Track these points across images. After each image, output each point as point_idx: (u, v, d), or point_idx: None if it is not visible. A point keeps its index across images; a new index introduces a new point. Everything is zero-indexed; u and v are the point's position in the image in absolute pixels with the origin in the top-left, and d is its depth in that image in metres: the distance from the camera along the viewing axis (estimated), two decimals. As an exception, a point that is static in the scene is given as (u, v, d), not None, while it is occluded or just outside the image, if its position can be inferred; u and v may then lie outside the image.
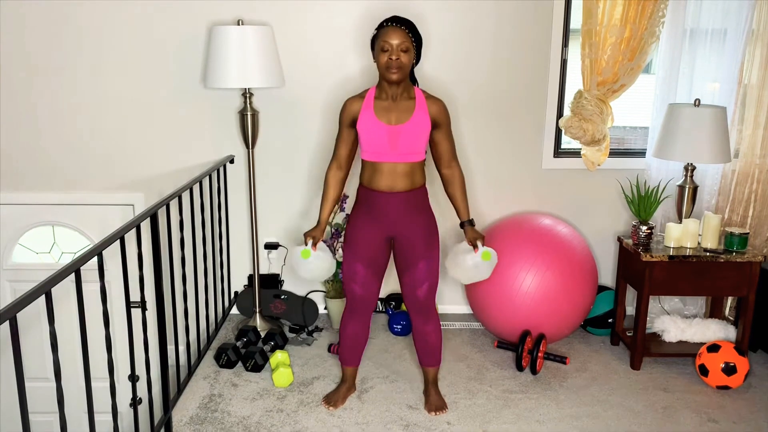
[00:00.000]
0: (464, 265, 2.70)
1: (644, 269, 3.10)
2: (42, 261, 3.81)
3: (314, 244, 2.70)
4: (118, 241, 2.21)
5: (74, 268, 1.87)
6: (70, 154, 3.59)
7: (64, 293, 3.44)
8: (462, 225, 2.78)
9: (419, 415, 2.80)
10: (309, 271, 2.74)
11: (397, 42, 2.47)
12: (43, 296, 1.72)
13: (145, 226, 2.52)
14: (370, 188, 2.66)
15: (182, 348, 3.37)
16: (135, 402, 2.59)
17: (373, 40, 2.56)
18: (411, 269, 2.69)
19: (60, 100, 3.51)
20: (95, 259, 2.04)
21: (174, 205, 2.83)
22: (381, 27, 2.53)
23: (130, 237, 2.42)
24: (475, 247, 2.69)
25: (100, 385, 2.42)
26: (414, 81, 2.70)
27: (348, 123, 2.64)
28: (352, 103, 2.62)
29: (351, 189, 3.68)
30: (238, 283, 3.82)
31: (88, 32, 3.43)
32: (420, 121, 2.57)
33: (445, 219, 3.52)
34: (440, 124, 2.63)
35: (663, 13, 3.33)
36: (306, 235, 2.71)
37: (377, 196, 2.64)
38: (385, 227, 2.67)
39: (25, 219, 3.68)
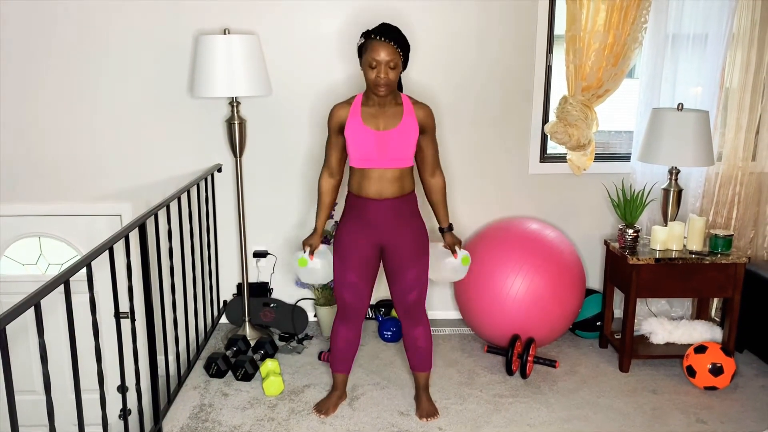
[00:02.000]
0: (444, 268, 2.84)
1: (631, 272, 3.13)
2: (29, 273, 3.78)
3: (311, 252, 2.78)
4: (106, 252, 2.20)
5: (63, 280, 1.87)
6: (56, 164, 3.57)
7: (51, 305, 3.43)
8: (441, 230, 2.86)
9: (411, 422, 2.80)
10: (308, 277, 2.84)
11: (386, 59, 2.42)
12: (32, 308, 1.71)
13: (134, 236, 2.51)
14: (359, 195, 2.65)
15: (172, 358, 3.36)
16: (125, 413, 2.58)
17: (360, 49, 2.51)
18: (401, 276, 2.69)
19: (45, 110, 3.50)
20: (83, 270, 2.04)
21: (162, 214, 2.82)
22: (369, 38, 2.46)
23: (119, 247, 2.41)
24: (454, 252, 2.82)
25: (90, 397, 2.41)
26: (400, 87, 2.71)
27: (336, 129, 2.63)
28: (340, 110, 2.60)
29: (339, 197, 3.69)
30: (227, 292, 3.82)
31: (73, 43, 3.41)
32: (408, 126, 2.56)
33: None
34: (427, 129, 2.63)
35: (645, 18, 3.37)
36: (304, 243, 2.78)
37: (366, 203, 2.63)
38: (375, 235, 2.66)
39: (11, 230, 3.65)
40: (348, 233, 2.69)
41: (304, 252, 2.77)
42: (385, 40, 2.42)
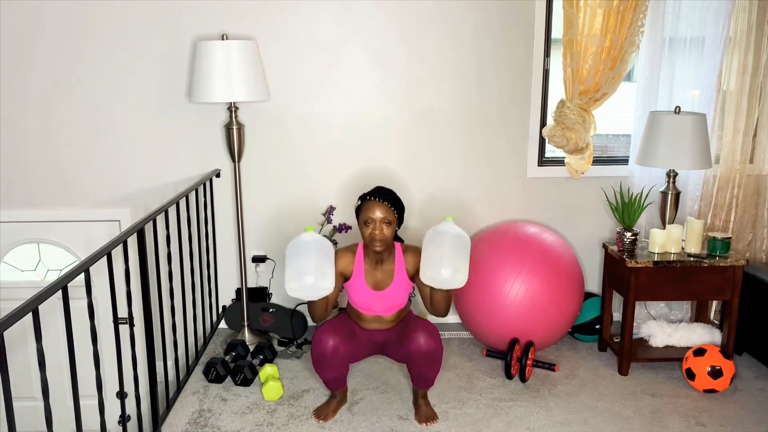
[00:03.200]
0: (428, 252, 2.46)
1: (630, 275, 3.13)
2: (28, 279, 3.78)
3: None
4: (104, 258, 2.20)
5: (61, 285, 1.87)
6: (55, 170, 3.57)
7: (50, 310, 3.42)
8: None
9: (410, 426, 2.80)
10: (310, 240, 2.43)
11: (381, 216, 2.59)
12: (30, 314, 1.71)
13: (132, 242, 2.51)
14: (356, 323, 2.85)
15: (170, 363, 3.35)
16: (124, 419, 2.57)
17: (358, 210, 2.68)
18: (408, 347, 2.67)
19: (43, 116, 3.50)
20: (82, 275, 2.04)
21: (161, 220, 2.83)
22: (364, 200, 2.64)
23: (117, 253, 2.41)
24: None
25: (89, 403, 2.40)
26: (397, 239, 2.82)
27: (337, 273, 2.69)
28: (344, 260, 2.72)
29: (337, 201, 3.70)
30: (226, 297, 3.81)
31: (71, 49, 3.42)
32: (400, 283, 2.73)
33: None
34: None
35: (642, 22, 3.38)
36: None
37: (363, 330, 2.84)
38: (372, 343, 2.87)
39: (10, 236, 3.65)
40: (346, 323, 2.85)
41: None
42: (380, 200, 2.61)
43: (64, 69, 3.45)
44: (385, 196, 2.63)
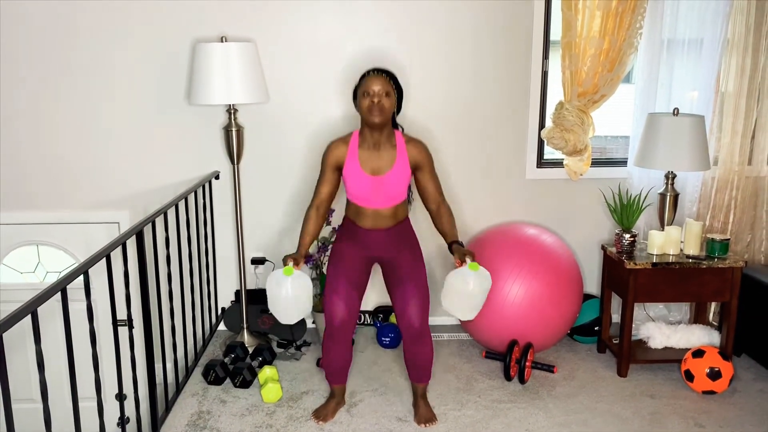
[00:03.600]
0: (450, 286, 2.54)
1: (628, 276, 3.14)
2: (27, 281, 3.78)
3: (296, 265, 2.54)
4: (104, 260, 2.20)
5: (60, 287, 1.87)
6: (54, 172, 3.58)
7: (49, 312, 3.43)
8: (450, 247, 2.67)
9: (409, 428, 2.80)
10: (289, 294, 2.50)
11: (379, 87, 2.55)
12: (29, 316, 1.71)
13: (131, 244, 2.52)
14: (354, 223, 2.76)
15: (170, 366, 3.35)
16: (123, 421, 2.57)
17: (356, 90, 2.65)
18: (400, 289, 2.73)
19: (42, 118, 3.50)
20: (81, 278, 2.04)
21: (160, 222, 2.83)
22: (363, 77, 2.62)
23: (116, 255, 2.41)
24: (462, 262, 2.54)
25: (88, 405, 2.40)
26: (396, 126, 2.77)
27: (332, 167, 2.70)
28: (337, 149, 2.68)
29: (338, 204, 3.70)
30: (225, 299, 3.81)
31: (71, 51, 3.43)
32: (400, 170, 2.66)
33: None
34: (422, 166, 2.69)
35: (641, 24, 3.39)
36: (287, 257, 2.55)
37: (362, 231, 2.75)
38: (370, 253, 2.78)
39: (8, 239, 3.65)
40: (344, 247, 2.79)
41: (288, 264, 2.52)
42: (378, 74, 2.59)
43: (63, 71, 3.45)
44: (384, 71, 2.62)
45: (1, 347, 1.56)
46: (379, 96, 2.55)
